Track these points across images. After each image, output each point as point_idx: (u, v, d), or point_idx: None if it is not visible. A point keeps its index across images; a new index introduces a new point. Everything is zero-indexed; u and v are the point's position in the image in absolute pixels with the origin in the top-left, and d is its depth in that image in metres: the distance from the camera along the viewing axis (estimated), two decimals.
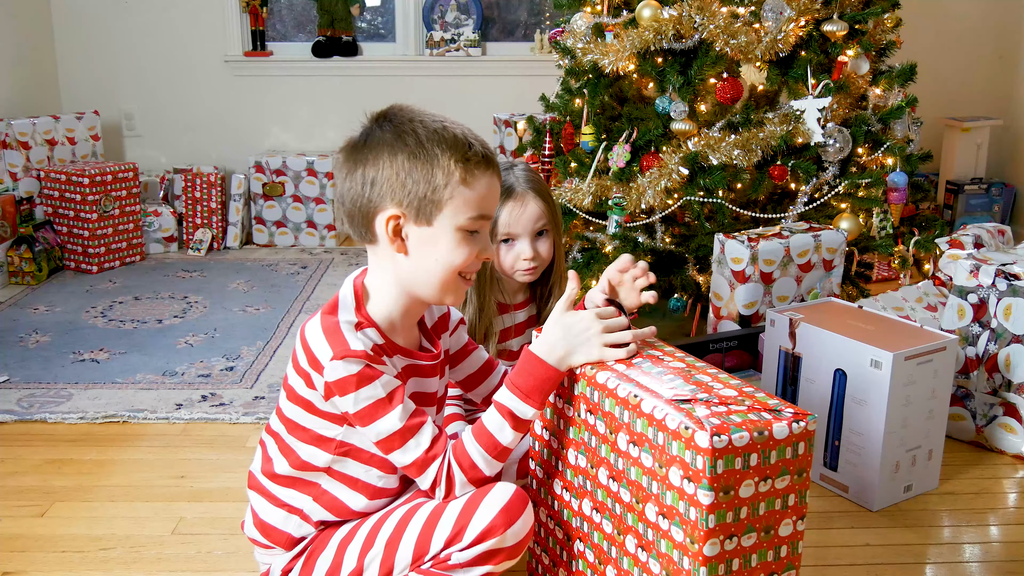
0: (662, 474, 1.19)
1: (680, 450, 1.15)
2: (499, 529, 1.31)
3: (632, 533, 1.27)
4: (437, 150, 1.30)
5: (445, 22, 4.47)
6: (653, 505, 1.21)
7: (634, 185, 2.78)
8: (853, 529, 1.94)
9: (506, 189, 1.85)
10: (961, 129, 4.15)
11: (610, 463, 1.29)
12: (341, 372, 1.31)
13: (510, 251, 1.90)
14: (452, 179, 1.31)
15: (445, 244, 1.34)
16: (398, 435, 1.33)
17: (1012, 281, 2.17)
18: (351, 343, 1.32)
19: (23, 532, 1.91)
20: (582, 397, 1.35)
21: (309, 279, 3.75)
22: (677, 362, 1.36)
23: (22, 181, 3.79)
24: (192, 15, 4.37)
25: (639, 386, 1.26)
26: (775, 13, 2.79)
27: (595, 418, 1.32)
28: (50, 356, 2.88)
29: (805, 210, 2.85)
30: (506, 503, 1.32)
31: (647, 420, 1.21)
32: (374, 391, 1.32)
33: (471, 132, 1.36)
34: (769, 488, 1.18)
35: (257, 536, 1.49)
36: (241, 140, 4.46)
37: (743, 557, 1.19)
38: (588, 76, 2.97)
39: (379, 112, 1.38)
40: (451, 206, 1.32)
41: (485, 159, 1.34)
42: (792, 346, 2.11)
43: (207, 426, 2.42)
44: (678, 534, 1.18)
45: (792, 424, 1.17)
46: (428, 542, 1.34)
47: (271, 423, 1.49)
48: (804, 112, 2.83)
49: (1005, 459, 2.23)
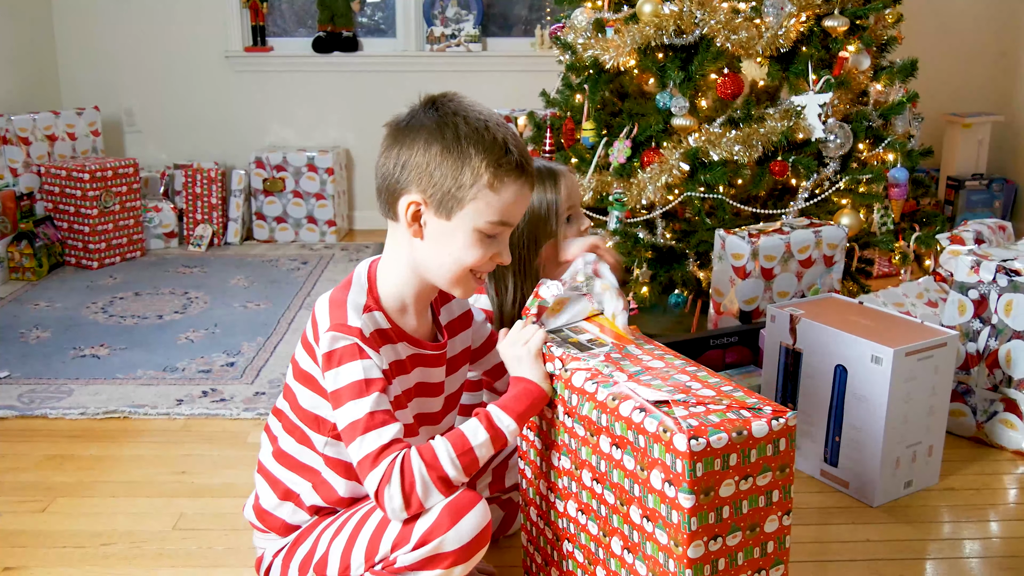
0: (644, 477, 1.18)
1: (660, 453, 1.15)
2: (442, 529, 1.25)
3: (618, 535, 1.26)
4: (472, 149, 1.29)
5: (446, 17, 4.46)
6: (637, 508, 1.21)
7: (635, 181, 2.78)
8: (853, 525, 1.94)
9: (550, 172, 1.80)
10: (962, 125, 4.14)
11: (592, 465, 1.28)
12: (330, 344, 1.31)
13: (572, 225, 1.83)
14: (480, 181, 1.30)
15: (460, 241, 1.33)
16: (362, 423, 1.28)
17: (1013, 277, 2.17)
18: (350, 318, 1.33)
19: (24, 528, 1.91)
20: (560, 399, 1.34)
21: (310, 275, 3.75)
22: (656, 360, 1.34)
23: (22, 177, 3.79)
24: (193, 11, 4.37)
25: (616, 387, 1.25)
26: (776, 8, 2.78)
27: (572, 421, 1.31)
28: (51, 352, 2.89)
29: (806, 206, 2.85)
30: (451, 501, 1.27)
31: (626, 423, 1.20)
32: (353, 372, 1.30)
33: (514, 137, 1.33)
34: (751, 486, 1.18)
35: (254, 520, 1.51)
36: (241, 136, 4.46)
37: (728, 556, 1.18)
38: (589, 72, 2.96)
39: (430, 97, 1.36)
40: (473, 206, 1.31)
41: (519, 167, 1.32)
42: (793, 342, 2.11)
43: (208, 422, 2.42)
44: (662, 536, 1.17)
45: (772, 421, 1.17)
46: (379, 543, 1.31)
47: (277, 402, 1.50)
48: (805, 108, 2.82)
49: (1005, 455, 2.23)
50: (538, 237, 1.77)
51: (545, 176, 1.79)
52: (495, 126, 1.32)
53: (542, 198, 1.77)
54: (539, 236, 1.77)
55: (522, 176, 1.33)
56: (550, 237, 1.78)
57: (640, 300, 2.82)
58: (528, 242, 1.77)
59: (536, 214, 1.77)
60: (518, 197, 1.33)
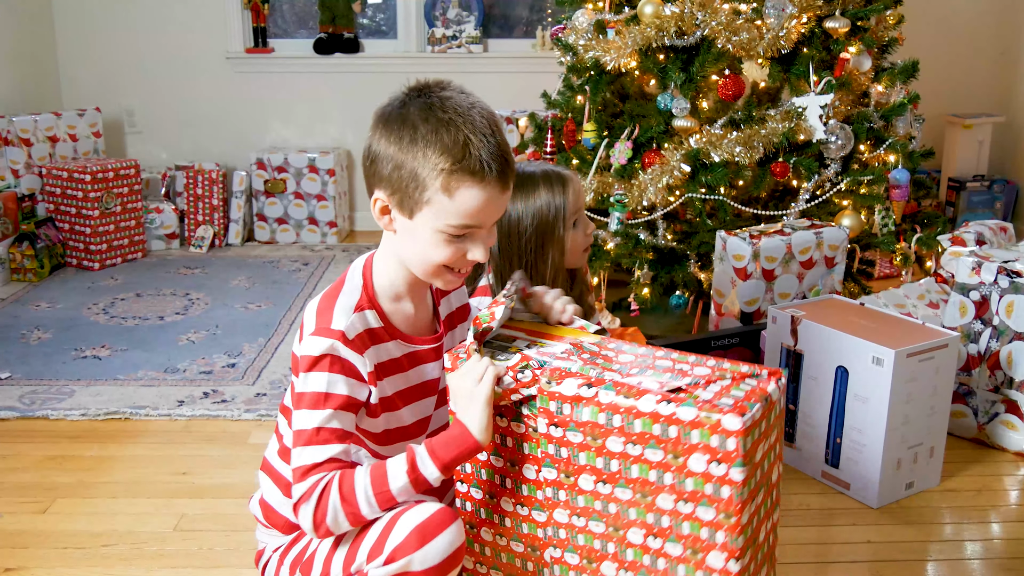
0: (678, 464, 1.21)
1: (703, 437, 1.18)
2: (410, 548, 1.23)
3: (637, 525, 1.27)
4: (429, 149, 1.24)
5: (447, 19, 4.46)
6: (668, 494, 1.23)
7: (636, 182, 2.78)
8: (854, 526, 1.94)
9: (558, 177, 1.80)
10: (963, 126, 4.14)
11: (596, 468, 1.28)
12: (306, 349, 1.30)
13: (578, 229, 1.83)
14: (435, 184, 1.25)
15: (425, 240, 1.30)
16: (306, 435, 1.27)
17: (1014, 278, 2.17)
18: (335, 321, 1.31)
19: (25, 528, 1.92)
20: (543, 412, 1.31)
21: (311, 276, 3.75)
22: (627, 355, 1.34)
23: (24, 178, 3.79)
24: (194, 12, 4.37)
25: (619, 388, 1.25)
26: (777, 10, 2.78)
27: (564, 431, 1.30)
28: (52, 353, 2.89)
29: (807, 207, 2.85)
30: (421, 522, 1.24)
31: (650, 418, 1.21)
32: (318, 382, 1.29)
33: (485, 137, 1.25)
34: (769, 445, 1.25)
35: (258, 514, 1.51)
36: (243, 137, 4.46)
37: (757, 514, 1.25)
38: (590, 73, 2.96)
39: (423, 83, 1.32)
40: (430, 209, 1.27)
41: (481, 170, 1.24)
42: (794, 343, 2.11)
43: (208, 422, 2.42)
44: (707, 513, 1.21)
45: (777, 381, 1.25)
46: (356, 551, 1.29)
47: (284, 399, 1.50)
48: (806, 109, 2.82)
49: (1007, 456, 2.23)
50: (545, 242, 1.78)
51: (554, 181, 1.79)
52: (465, 122, 1.25)
53: (550, 202, 1.78)
54: (546, 241, 1.78)
55: (484, 179, 1.25)
56: (557, 242, 1.79)
57: (641, 301, 2.82)
58: (535, 247, 1.77)
59: (544, 219, 1.77)
60: (480, 200, 1.26)
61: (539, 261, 1.78)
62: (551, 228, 1.78)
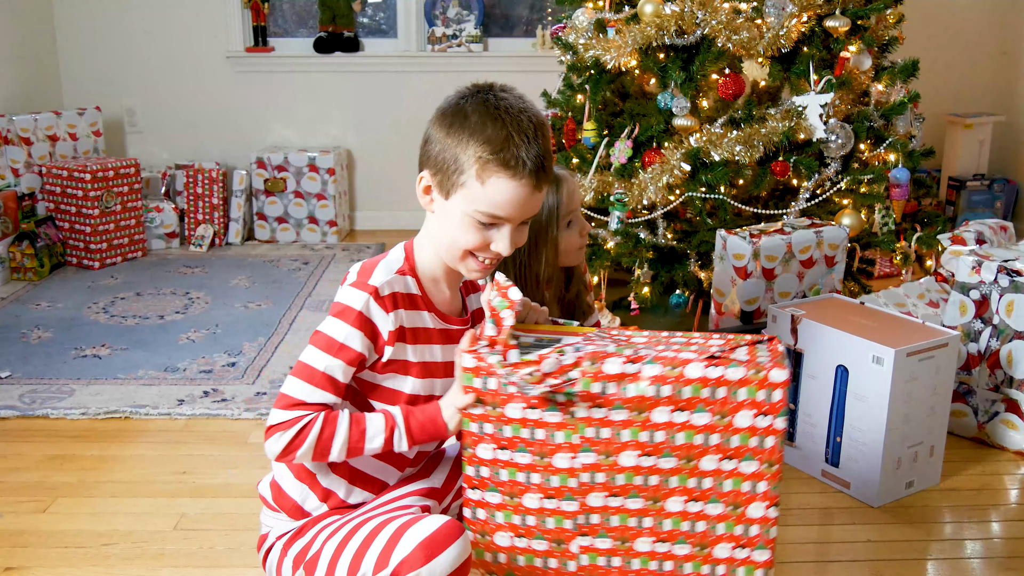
0: (725, 423, 1.30)
1: (751, 393, 1.28)
2: (417, 563, 1.24)
3: (677, 493, 1.34)
4: (473, 138, 1.32)
5: (447, 18, 4.46)
6: (714, 454, 1.32)
7: (636, 181, 2.78)
8: (855, 525, 1.94)
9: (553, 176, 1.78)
10: (963, 125, 4.14)
11: (640, 442, 1.33)
12: (341, 296, 1.37)
13: (572, 229, 1.84)
14: (471, 170, 1.32)
15: (456, 221, 1.36)
16: (307, 370, 1.35)
17: (1014, 277, 2.17)
18: (373, 277, 1.37)
19: (25, 528, 1.92)
20: (583, 396, 1.33)
21: (311, 275, 3.75)
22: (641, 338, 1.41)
23: (24, 177, 3.79)
24: (194, 11, 4.37)
25: (661, 361, 1.31)
26: (777, 9, 2.78)
27: (608, 410, 1.32)
28: (52, 352, 2.89)
29: (807, 206, 2.85)
30: (428, 536, 1.26)
31: (700, 383, 1.29)
32: (338, 331, 1.35)
33: (527, 137, 1.32)
34: None
35: (267, 495, 1.51)
36: (243, 136, 4.46)
37: None
38: (590, 72, 2.96)
39: (487, 83, 1.39)
40: (463, 192, 1.34)
41: (516, 165, 1.31)
42: (794, 342, 2.11)
43: (209, 422, 2.42)
44: (750, 467, 1.31)
45: (778, 346, 1.36)
46: (362, 559, 1.31)
47: None
48: (806, 108, 2.82)
49: (1007, 455, 2.23)
50: (539, 242, 1.77)
51: None
52: (511, 123, 1.32)
53: (544, 202, 1.77)
54: (539, 240, 1.77)
55: (517, 174, 1.31)
56: (551, 242, 1.79)
57: (641, 300, 2.82)
58: (529, 247, 1.76)
59: (537, 218, 1.76)
60: (510, 194, 1.32)
61: (533, 261, 1.78)
62: (544, 228, 1.78)
